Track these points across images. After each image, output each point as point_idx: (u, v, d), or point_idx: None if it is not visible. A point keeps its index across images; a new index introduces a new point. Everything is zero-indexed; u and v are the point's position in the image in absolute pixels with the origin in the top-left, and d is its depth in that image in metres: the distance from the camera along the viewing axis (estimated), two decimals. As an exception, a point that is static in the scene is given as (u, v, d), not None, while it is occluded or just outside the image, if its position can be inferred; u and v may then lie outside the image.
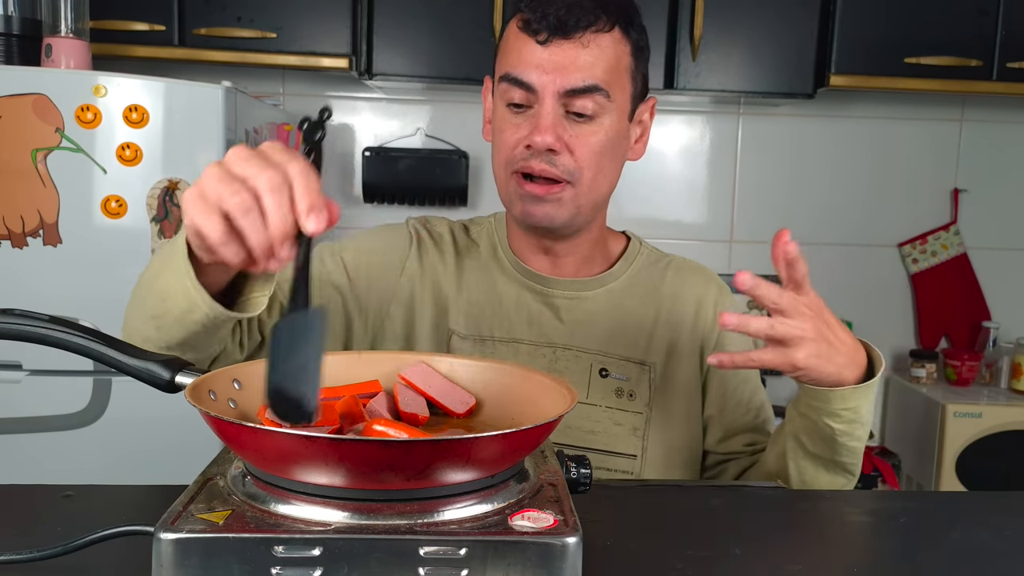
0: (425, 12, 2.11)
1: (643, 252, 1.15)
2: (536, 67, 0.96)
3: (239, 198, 0.61)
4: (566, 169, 0.98)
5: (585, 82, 0.95)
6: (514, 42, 0.98)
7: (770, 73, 2.19)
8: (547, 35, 0.95)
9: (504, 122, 1.00)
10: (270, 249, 0.62)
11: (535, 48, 0.96)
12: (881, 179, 2.57)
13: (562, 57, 0.95)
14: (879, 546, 0.74)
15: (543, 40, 0.95)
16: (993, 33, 2.17)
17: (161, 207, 1.68)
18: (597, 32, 0.96)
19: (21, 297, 1.67)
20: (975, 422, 2.25)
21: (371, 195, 2.40)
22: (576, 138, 0.97)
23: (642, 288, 1.11)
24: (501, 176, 1.03)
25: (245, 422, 0.56)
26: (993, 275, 2.62)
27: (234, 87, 1.74)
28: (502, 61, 1.00)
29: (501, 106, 1.01)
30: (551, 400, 0.68)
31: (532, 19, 0.96)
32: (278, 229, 0.61)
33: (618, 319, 1.08)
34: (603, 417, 1.05)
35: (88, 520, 0.68)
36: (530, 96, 0.97)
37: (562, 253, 1.08)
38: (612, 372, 1.06)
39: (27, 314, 0.69)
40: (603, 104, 0.97)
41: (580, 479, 0.67)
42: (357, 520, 0.55)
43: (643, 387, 1.07)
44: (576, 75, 0.95)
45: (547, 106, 0.96)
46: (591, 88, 0.96)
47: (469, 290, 1.09)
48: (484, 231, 1.15)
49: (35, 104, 1.65)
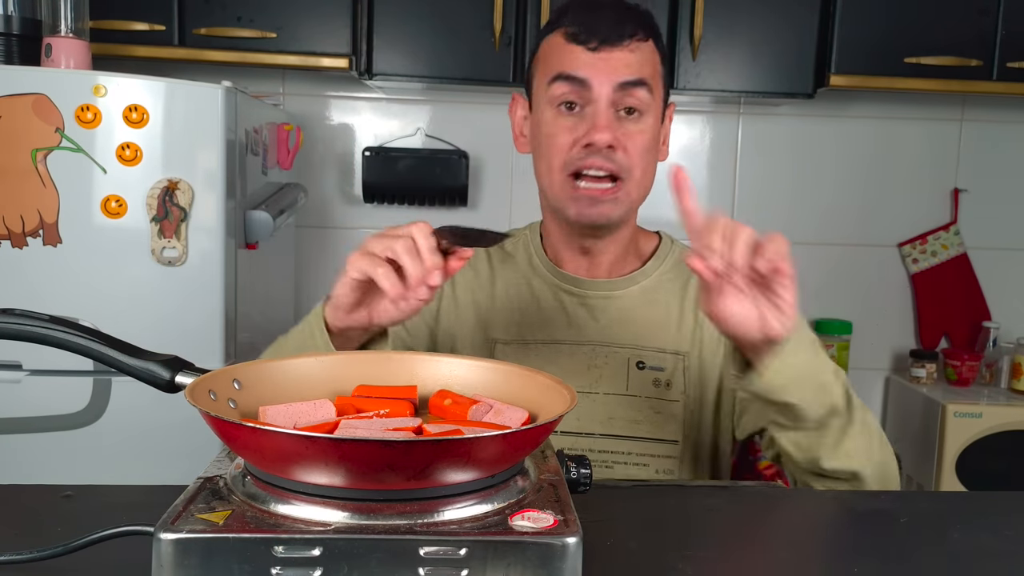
0: (425, 12, 2.11)
1: (675, 249, 1.22)
2: (590, 66, 1.04)
3: (403, 243, 0.80)
4: (622, 165, 1.05)
5: (635, 76, 1.04)
6: (563, 49, 1.06)
7: (770, 73, 2.19)
8: (597, 43, 1.04)
9: (554, 126, 1.06)
10: (422, 279, 0.80)
11: (587, 53, 1.04)
12: (881, 179, 2.57)
13: (613, 60, 1.04)
14: (879, 546, 0.74)
15: (594, 47, 1.04)
16: (993, 33, 2.17)
17: (161, 207, 1.68)
18: (639, 41, 1.05)
19: (21, 297, 1.67)
20: (975, 422, 2.25)
21: (371, 195, 2.40)
22: (628, 136, 1.05)
23: (673, 283, 1.17)
24: (556, 179, 1.08)
25: (245, 422, 0.56)
26: (993, 275, 2.62)
27: (234, 87, 1.74)
28: (548, 66, 1.07)
29: (549, 110, 1.07)
30: (551, 400, 0.68)
31: (580, 31, 1.04)
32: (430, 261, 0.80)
33: (651, 313, 1.14)
34: (644, 406, 1.11)
35: (88, 520, 0.68)
36: (583, 94, 1.04)
37: (599, 252, 1.14)
38: (648, 364, 1.12)
39: (27, 314, 0.70)
40: (648, 101, 1.06)
41: (580, 479, 0.67)
42: (357, 520, 0.55)
43: (678, 376, 1.12)
44: (627, 71, 1.04)
45: (603, 104, 1.04)
46: (641, 82, 1.04)
47: (508, 299, 1.16)
48: (520, 244, 1.21)
49: (35, 104, 1.65)
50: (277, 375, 0.73)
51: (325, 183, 2.50)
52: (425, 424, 0.65)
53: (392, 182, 2.38)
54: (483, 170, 2.47)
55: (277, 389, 0.72)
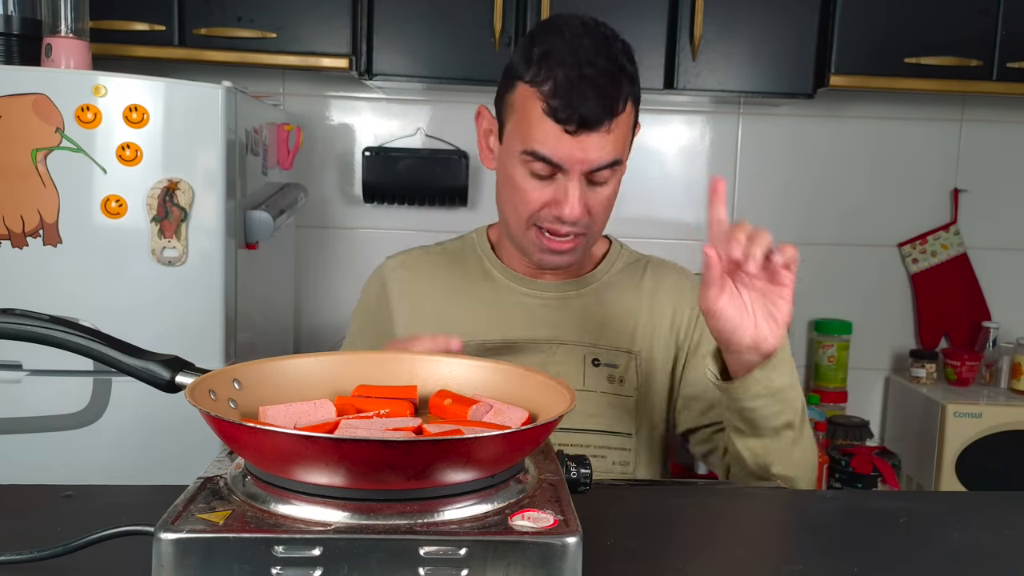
0: (425, 12, 2.11)
1: (623, 254, 1.27)
2: (566, 154, 1.03)
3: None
4: (585, 225, 1.10)
5: (608, 160, 1.05)
6: (539, 123, 1.03)
7: (770, 73, 2.19)
8: (576, 127, 1.01)
9: (525, 183, 1.08)
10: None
11: (564, 136, 1.02)
12: (881, 179, 2.57)
13: (590, 145, 1.03)
14: (879, 546, 0.74)
15: (572, 131, 1.02)
16: (993, 33, 2.17)
17: (161, 207, 1.68)
18: (617, 116, 1.03)
19: (21, 297, 1.67)
20: (975, 422, 2.25)
21: (371, 195, 2.40)
22: (596, 207, 1.08)
23: (624, 285, 1.22)
24: (521, 226, 1.11)
25: (245, 422, 0.56)
26: (993, 275, 2.61)
27: (234, 87, 1.74)
28: (523, 131, 1.05)
29: (520, 168, 1.07)
30: (551, 400, 0.68)
31: (559, 109, 1.01)
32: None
33: (605, 313, 1.20)
34: (600, 401, 1.15)
35: (88, 520, 0.68)
36: (555, 170, 1.06)
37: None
38: (603, 361, 1.17)
39: (27, 314, 0.70)
40: (619, 171, 1.09)
41: (580, 479, 0.67)
42: (357, 520, 0.55)
43: (631, 373, 1.18)
44: (602, 155, 1.04)
45: (576, 185, 1.05)
46: (613, 163, 1.06)
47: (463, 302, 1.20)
48: (467, 246, 1.27)
49: (35, 104, 1.65)
50: (277, 375, 0.73)
51: (325, 183, 2.50)
52: (425, 424, 0.65)
53: (392, 182, 2.38)
54: (483, 170, 2.47)
55: (277, 389, 0.72)
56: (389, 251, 1.34)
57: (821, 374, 2.55)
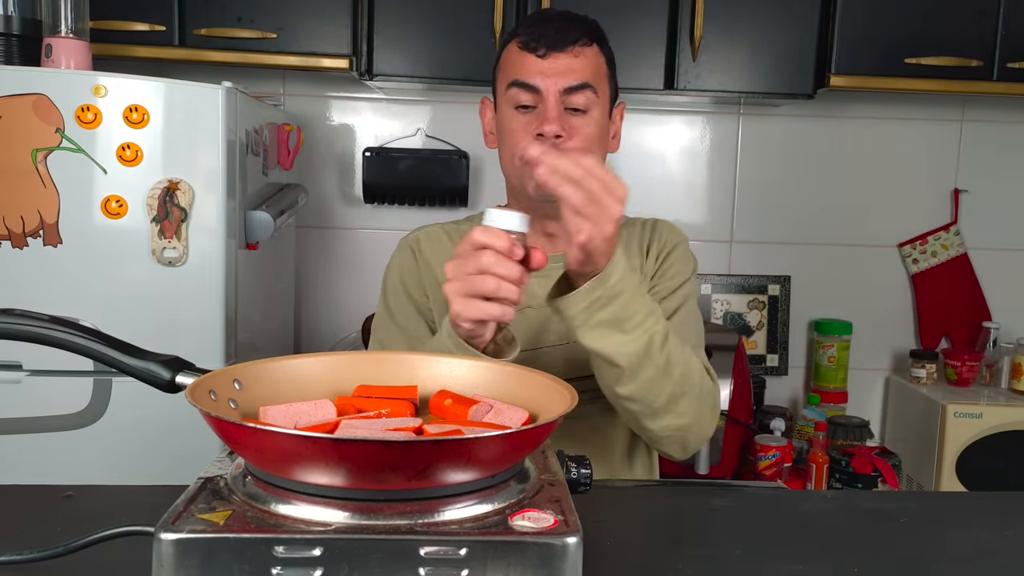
0: (425, 12, 2.11)
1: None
2: (539, 73, 1.17)
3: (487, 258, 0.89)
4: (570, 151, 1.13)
5: (579, 81, 1.17)
6: (516, 57, 1.20)
7: (770, 73, 2.19)
8: (545, 50, 1.18)
9: (513, 122, 1.20)
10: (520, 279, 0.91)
11: (536, 60, 1.18)
12: (881, 179, 2.57)
13: (559, 65, 1.17)
14: (879, 546, 0.74)
15: (542, 54, 1.18)
16: (993, 33, 2.17)
17: (161, 207, 1.68)
18: (583, 46, 1.18)
19: (21, 297, 1.67)
20: (975, 422, 2.25)
21: (371, 195, 2.40)
22: (574, 128, 1.18)
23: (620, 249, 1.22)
24: (514, 165, 1.20)
25: (245, 422, 0.56)
26: (993, 275, 2.61)
27: (234, 87, 1.74)
28: (506, 73, 1.22)
29: (508, 110, 1.21)
30: (551, 400, 0.68)
31: (530, 39, 1.18)
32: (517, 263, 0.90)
33: None
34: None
35: (88, 520, 0.68)
36: (535, 97, 1.18)
37: (560, 232, 1.22)
38: None
39: (27, 314, 0.70)
40: (592, 100, 1.19)
41: (580, 479, 0.67)
42: (357, 520, 0.55)
43: None
44: (571, 76, 1.17)
45: (551, 102, 1.17)
46: (584, 85, 1.17)
47: None
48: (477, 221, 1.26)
49: (35, 104, 1.65)
50: (277, 375, 0.73)
51: (325, 183, 2.50)
52: (425, 424, 0.65)
53: (392, 182, 2.38)
54: (483, 170, 2.47)
55: (277, 389, 0.72)
56: (389, 251, 1.34)
57: (821, 374, 2.55)
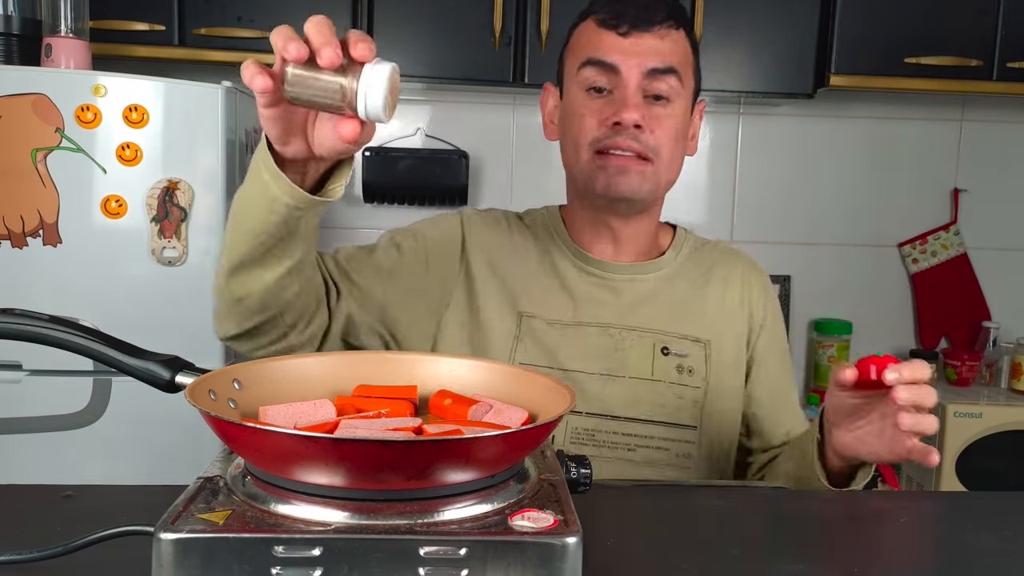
0: (425, 12, 2.11)
1: (689, 239, 1.23)
2: (620, 52, 1.05)
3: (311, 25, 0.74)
4: (649, 146, 1.06)
5: (665, 63, 1.05)
6: (593, 35, 1.08)
7: (770, 73, 2.19)
8: (628, 28, 1.05)
9: (584, 107, 1.08)
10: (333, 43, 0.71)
11: (617, 38, 1.06)
12: (881, 179, 2.57)
13: (643, 45, 1.05)
14: (879, 546, 0.74)
15: (624, 32, 1.05)
16: (993, 33, 2.17)
17: (161, 207, 1.68)
18: (670, 28, 1.07)
19: (21, 297, 1.67)
20: (975, 422, 2.25)
21: (371, 195, 2.40)
22: (656, 119, 1.06)
23: (694, 272, 1.18)
24: (582, 157, 1.08)
25: (245, 422, 0.56)
26: (993, 275, 2.62)
27: (234, 87, 1.74)
28: (579, 53, 1.09)
29: (579, 94, 1.08)
30: (551, 400, 0.68)
31: (610, 17, 1.06)
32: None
33: (674, 300, 1.16)
34: (667, 392, 1.11)
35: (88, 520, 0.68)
36: (612, 79, 1.06)
37: (626, 238, 1.15)
38: (673, 350, 1.13)
39: (27, 314, 0.69)
40: (677, 88, 1.07)
41: (580, 479, 0.67)
42: (357, 520, 0.55)
43: (700, 363, 1.13)
44: (657, 58, 1.05)
45: (632, 87, 1.05)
46: (670, 70, 1.06)
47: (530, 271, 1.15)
48: (538, 220, 1.21)
49: (35, 104, 1.65)
50: (277, 375, 0.73)
51: (325, 183, 2.49)
52: (425, 424, 0.65)
53: (392, 182, 2.38)
54: (483, 170, 2.47)
55: (277, 389, 0.72)
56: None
57: (821, 374, 2.55)
